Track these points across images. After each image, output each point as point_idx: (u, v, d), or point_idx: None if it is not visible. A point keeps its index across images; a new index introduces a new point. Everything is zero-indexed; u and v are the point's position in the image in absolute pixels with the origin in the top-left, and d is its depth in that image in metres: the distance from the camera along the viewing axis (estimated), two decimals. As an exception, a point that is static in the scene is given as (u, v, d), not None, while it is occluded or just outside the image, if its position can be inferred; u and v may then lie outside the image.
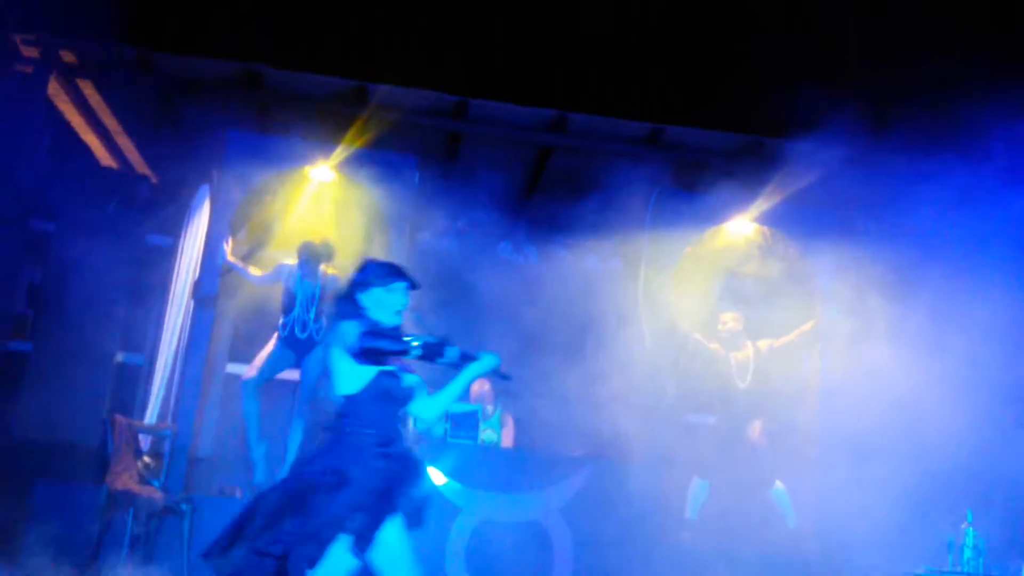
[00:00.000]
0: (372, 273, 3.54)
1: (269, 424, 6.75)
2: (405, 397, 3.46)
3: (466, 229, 8.75)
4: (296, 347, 6.61)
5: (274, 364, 6.67)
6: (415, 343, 3.35)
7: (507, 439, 6.98)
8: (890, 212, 6.71)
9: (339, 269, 6.71)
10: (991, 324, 5.99)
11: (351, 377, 3.40)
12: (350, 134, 7.28)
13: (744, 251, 7.57)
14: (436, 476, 6.19)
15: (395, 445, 3.42)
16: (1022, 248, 6.31)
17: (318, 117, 7.52)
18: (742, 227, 7.48)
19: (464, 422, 6.48)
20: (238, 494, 6.43)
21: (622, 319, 7.34)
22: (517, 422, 7.29)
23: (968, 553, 4.67)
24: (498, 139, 8.57)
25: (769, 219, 7.33)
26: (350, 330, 3.39)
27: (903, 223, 6.54)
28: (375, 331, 3.40)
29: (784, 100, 7.00)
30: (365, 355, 3.35)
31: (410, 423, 3.99)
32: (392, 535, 3.34)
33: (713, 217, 7.45)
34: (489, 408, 6.94)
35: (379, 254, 7.19)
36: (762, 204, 7.14)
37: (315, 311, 6.60)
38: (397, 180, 7.36)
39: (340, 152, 7.22)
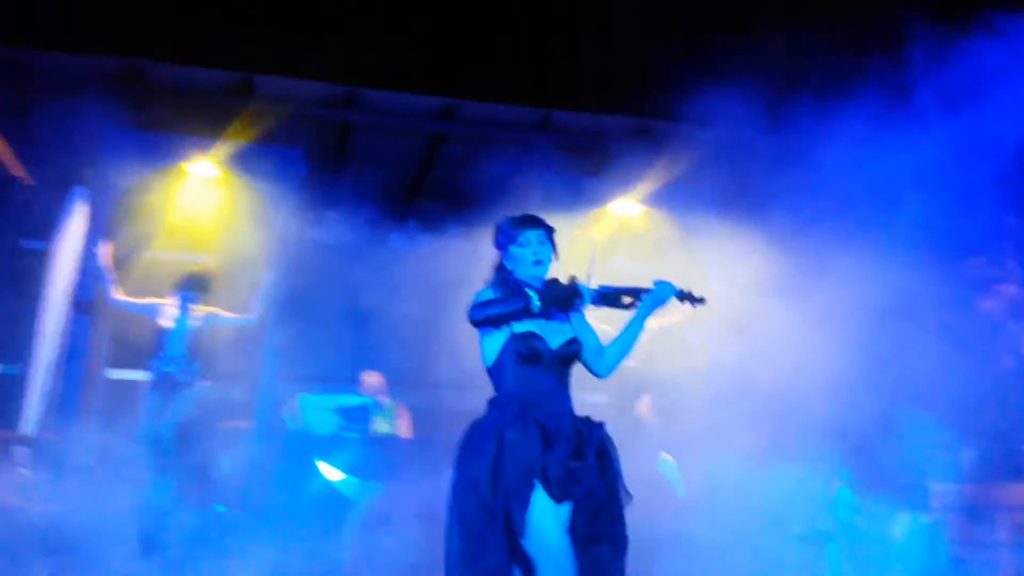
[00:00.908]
0: (502, 233, 3.40)
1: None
2: (550, 356, 3.20)
3: (357, 221, 8.64)
4: (166, 387, 6.35)
5: (151, 415, 6.39)
6: (533, 296, 3.11)
7: (404, 430, 6.91)
8: (773, 191, 6.83)
9: (219, 307, 6.54)
10: (875, 291, 6.15)
11: (488, 349, 3.25)
12: (234, 128, 7.11)
13: (632, 231, 7.65)
14: (328, 471, 6.10)
15: (546, 411, 3.15)
16: (899, 213, 6.47)
17: (202, 112, 7.33)
18: (628, 208, 7.54)
19: (355, 415, 6.38)
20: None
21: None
22: (417, 412, 7.23)
23: (843, 511, 4.79)
24: (389, 129, 8.51)
25: (656, 200, 7.41)
26: (485, 294, 3.28)
27: (787, 201, 6.67)
28: (511, 293, 3.23)
29: (670, 84, 7.08)
30: (479, 325, 3.19)
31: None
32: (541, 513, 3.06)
33: (600, 198, 7.49)
34: (384, 400, 6.86)
35: (266, 250, 7.07)
36: (649, 185, 7.20)
37: (189, 350, 6.37)
38: (284, 174, 7.22)
39: (224, 147, 7.03)
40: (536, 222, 3.39)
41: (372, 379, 6.87)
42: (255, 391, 7.01)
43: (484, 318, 3.18)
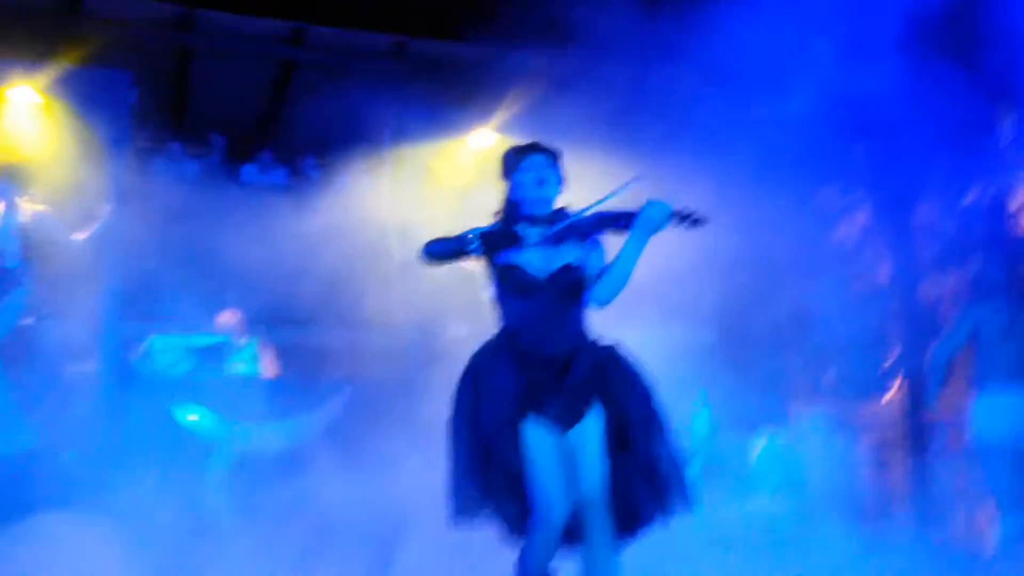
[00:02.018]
0: (505, 162, 3.27)
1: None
2: (537, 285, 3.10)
3: (205, 152, 8.25)
4: None
5: None
6: (473, 237, 3.09)
7: (269, 370, 6.69)
8: (629, 117, 6.89)
9: (47, 204, 6.05)
10: (731, 223, 6.31)
11: (488, 278, 3.22)
12: (60, 53, 6.56)
13: (486, 161, 7.59)
14: (187, 413, 5.89)
15: (532, 340, 3.08)
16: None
17: (26, 34, 6.73)
18: (484, 138, 7.48)
19: (210, 355, 6.16)
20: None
21: (377, 237, 7.19)
22: (280, 351, 7.02)
23: (700, 432, 4.98)
24: (232, 54, 8.09)
25: (511, 128, 7.36)
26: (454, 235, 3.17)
27: (643, 128, 6.73)
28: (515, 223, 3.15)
29: (524, 11, 6.99)
30: (424, 262, 3.22)
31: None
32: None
33: (455, 128, 7.39)
34: (241, 340, 6.62)
35: (99, 181, 6.64)
36: (503, 114, 7.14)
37: (15, 246, 5.86)
38: (110, 100, 6.72)
39: (46, 72, 6.49)
40: (539, 147, 3.29)
41: (228, 318, 6.61)
42: (97, 331, 6.61)
43: (423, 255, 3.18)
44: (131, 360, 6.37)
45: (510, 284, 3.15)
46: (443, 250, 3.15)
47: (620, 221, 3.05)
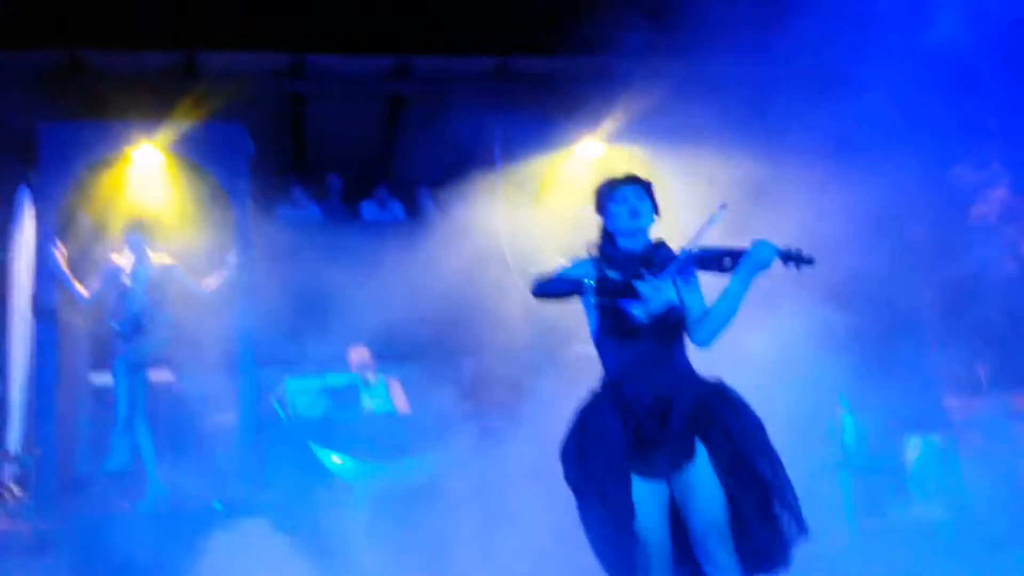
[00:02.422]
0: (599, 195, 3.22)
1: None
2: (643, 326, 3.06)
3: (325, 194, 8.43)
4: (135, 342, 6.07)
5: (122, 373, 6.12)
6: (590, 283, 3.00)
7: (400, 404, 6.74)
8: (742, 118, 6.66)
9: (174, 256, 6.28)
10: (862, 208, 6.00)
11: (589, 323, 3.14)
12: (177, 110, 6.86)
13: (597, 172, 7.46)
14: (328, 455, 5.97)
15: (637, 383, 3.05)
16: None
17: (146, 96, 7.07)
18: (592, 148, 7.37)
19: (345, 394, 6.24)
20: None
21: (495, 260, 7.17)
22: (407, 385, 7.07)
23: (849, 439, 4.69)
24: (341, 94, 8.26)
25: (620, 137, 7.24)
26: (566, 268, 3.16)
27: (754, 126, 6.49)
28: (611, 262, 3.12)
29: (623, 19, 6.87)
30: (537, 297, 3.13)
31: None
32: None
33: (563, 142, 7.31)
34: (370, 376, 6.69)
35: (223, 232, 6.86)
36: (611, 123, 7.01)
37: (146, 301, 6.05)
38: (229, 152, 6.96)
39: (167, 130, 6.77)
40: (634, 179, 3.24)
41: (359, 354, 6.68)
42: (234, 380, 6.83)
43: (535, 292, 3.12)
44: (269, 406, 6.52)
45: (611, 325, 3.11)
46: (556, 292, 3.11)
47: (726, 260, 2.99)
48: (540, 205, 7.33)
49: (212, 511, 5.73)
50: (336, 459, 5.88)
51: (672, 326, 3.08)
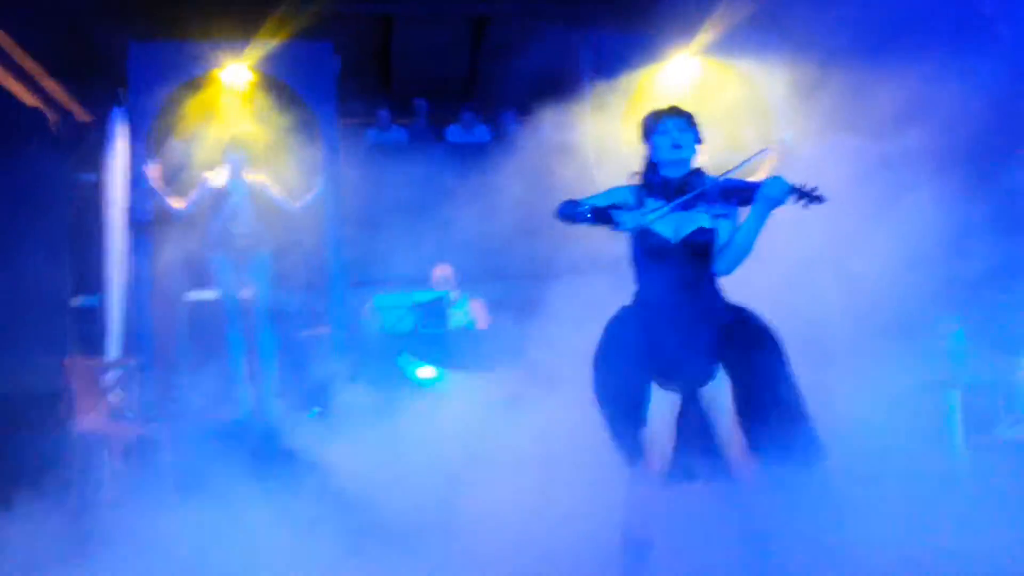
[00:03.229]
0: (644, 126, 3.40)
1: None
2: (671, 248, 3.22)
3: (411, 117, 8.40)
4: (235, 251, 6.20)
5: (228, 282, 6.27)
6: (585, 208, 3.20)
7: (481, 322, 6.76)
8: (835, 33, 6.39)
9: (267, 172, 6.34)
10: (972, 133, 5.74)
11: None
12: (263, 30, 6.86)
13: (691, 88, 7.26)
14: (415, 367, 6.02)
15: (659, 304, 3.22)
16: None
17: (229, 17, 7.09)
18: (686, 63, 7.17)
19: (431, 310, 6.26)
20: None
21: (583, 181, 7.06)
22: (491, 304, 7.06)
23: (961, 356, 4.54)
24: (428, 16, 8.18)
25: (713, 51, 7.02)
26: (601, 193, 3.35)
27: (851, 45, 6.22)
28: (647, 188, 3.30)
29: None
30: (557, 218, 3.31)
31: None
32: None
33: (654, 57, 7.12)
34: (453, 293, 6.70)
35: (313, 150, 6.90)
36: (703, 37, 6.80)
37: (247, 210, 6.18)
38: (317, 70, 6.96)
39: (253, 50, 6.79)
40: (677, 111, 3.37)
41: (442, 271, 6.70)
42: (325, 296, 6.92)
43: (556, 215, 3.30)
44: (359, 321, 6.60)
45: (643, 247, 3.25)
46: (567, 216, 3.26)
47: (744, 194, 3.13)
48: (631, 124, 7.18)
49: (308, 419, 5.84)
50: (425, 372, 5.93)
51: (701, 251, 3.21)
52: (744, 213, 3.21)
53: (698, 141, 3.32)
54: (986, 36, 5.98)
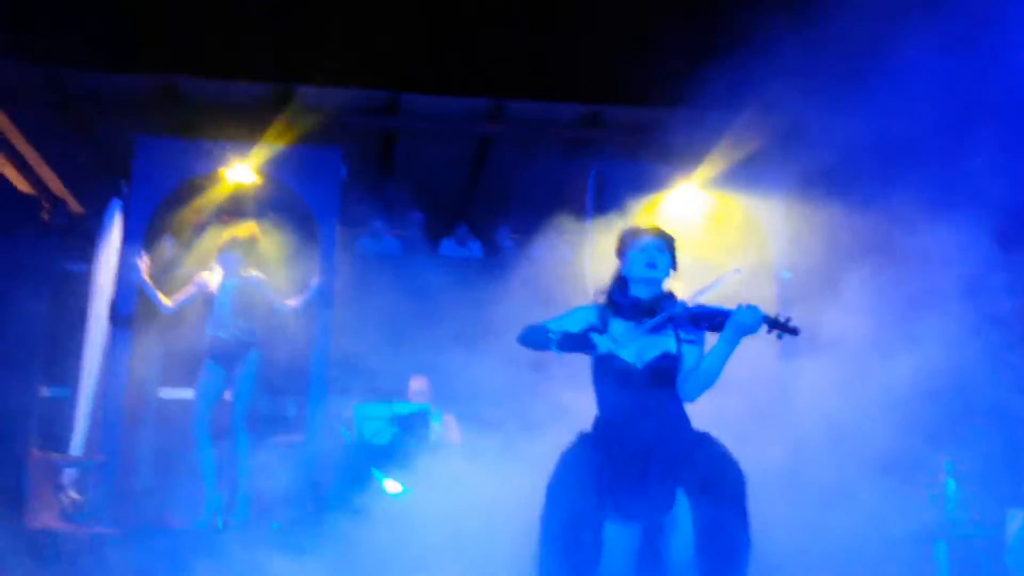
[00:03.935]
0: (621, 240, 3.37)
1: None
2: (634, 373, 3.11)
3: (406, 229, 8.41)
4: (223, 355, 6.03)
5: (211, 386, 6.06)
6: (554, 338, 3.11)
7: (454, 437, 6.54)
8: (838, 170, 6.48)
9: (262, 271, 6.23)
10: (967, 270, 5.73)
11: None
12: (271, 134, 6.94)
13: (693, 217, 7.30)
14: (389, 483, 5.79)
15: (627, 430, 3.09)
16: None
17: (238, 120, 7.18)
18: (685, 195, 7.23)
19: (412, 423, 6.07)
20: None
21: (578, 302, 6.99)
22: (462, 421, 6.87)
23: (950, 506, 4.37)
24: (433, 133, 8.28)
25: (712, 184, 7.09)
26: (563, 316, 3.26)
27: (852, 178, 6.31)
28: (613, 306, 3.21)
29: (717, 69, 6.80)
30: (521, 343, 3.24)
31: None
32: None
33: (657, 184, 7.18)
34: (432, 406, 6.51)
35: (309, 254, 6.85)
36: (707, 169, 6.88)
37: (239, 309, 5.98)
38: (322, 176, 7.00)
39: (260, 152, 6.83)
40: (657, 231, 3.36)
41: (418, 384, 6.54)
42: (305, 404, 6.75)
43: (519, 339, 3.23)
44: (338, 430, 6.40)
45: (606, 372, 3.15)
46: (532, 342, 3.18)
47: (715, 319, 3.06)
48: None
49: (270, 530, 5.57)
50: (389, 485, 5.69)
51: (665, 375, 3.12)
52: (713, 340, 3.13)
53: (673, 266, 3.27)
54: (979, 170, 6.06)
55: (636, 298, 3.20)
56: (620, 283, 3.25)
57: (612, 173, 7.42)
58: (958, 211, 5.73)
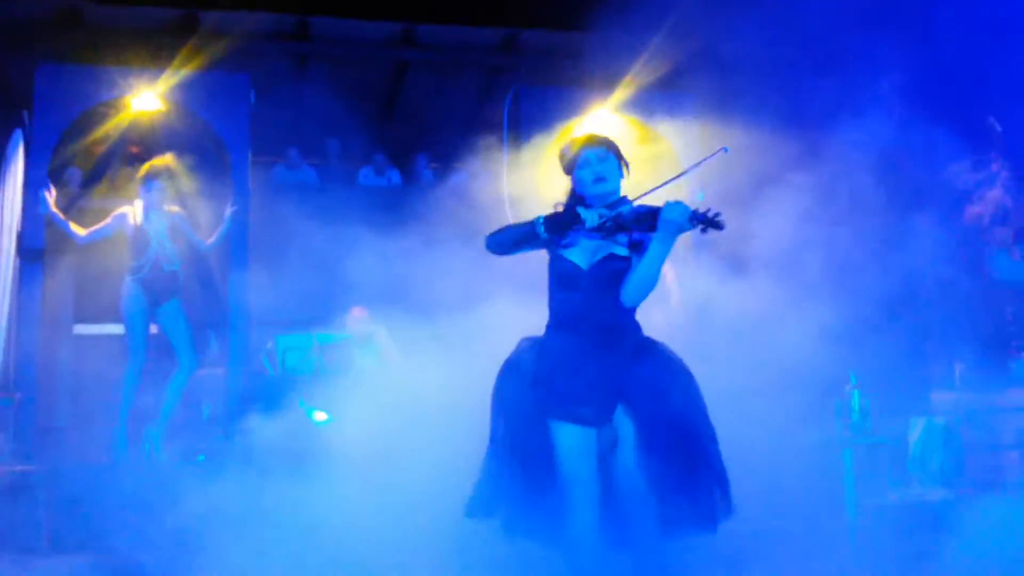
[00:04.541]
0: (562, 157, 3.20)
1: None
2: (582, 276, 3.04)
3: (322, 158, 8.30)
4: (157, 287, 5.87)
5: (138, 322, 5.88)
6: (539, 220, 3.02)
7: (391, 357, 6.56)
8: (749, 97, 6.61)
9: (178, 204, 6.07)
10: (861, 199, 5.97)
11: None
12: (177, 60, 6.72)
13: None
14: (314, 411, 5.83)
15: (565, 334, 3.05)
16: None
17: (143, 46, 6.93)
18: (601, 119, 7.29)
19: (333, 352, 6.11)
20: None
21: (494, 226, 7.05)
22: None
23: (855, 416, 4.63)
24: (345, 58, 8.14)
25: (626, 108, 7.17)
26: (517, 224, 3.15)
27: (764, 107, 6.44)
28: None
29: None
30: (491, 251, 3.15)
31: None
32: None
33: (574, 109, 7.22)
34: (365, 335, 6.52)
35: (222, 184, 6.72)
36: (621, 93, 6.94)
37: (162, 248, 5.81)
38: (231, 103, 6.83)
39: (166, 78, 6.63)
40: (594, 139, 3.17)
41: (359, 313, 6.53)
42: (227, 336, 6.70)
43: (491, 244, 3.12)
44: (262, 361, 6.39)
45: (556, 274, 3.10)
46: (512, 237, 3.08)
47: (649, 220, 2.94)
48: (545, 176, 7.25)
49: (195, 463, 5.58)
50: (321, 416, 5.73)
51: (611, 279, 3.04)
52: None
53: (623, 166, 3.14)
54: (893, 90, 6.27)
55: (595, 203, 3.07)
56: (576, 200, 3.11)
57: (529, 98, 7.42)
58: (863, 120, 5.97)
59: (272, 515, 4.53)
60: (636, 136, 7.38)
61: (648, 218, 2.93)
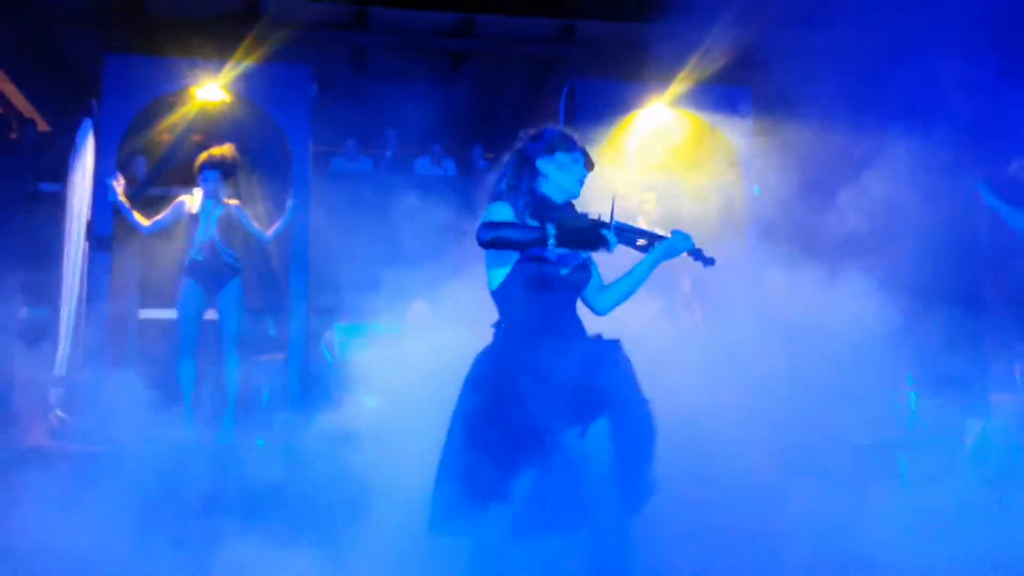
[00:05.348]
0: (546, 140, 3.21)
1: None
2: (560, 281, 3.06)
3: (380, 148, 8.40)
4: (203, 278, 6.04)
5: (191, 307, 6.06)
6: (551, 231, 2.82)
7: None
8: (806, 92, 6.54)
9: (239, 195, 6.20)
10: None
11: (496, 271, 3.06)
12: (240, 51, 6.85)
13: (661, 136, 7.38)
14: (365, 399, 5.94)
15: (555, 336, 3.06)
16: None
17: (206, 37, 7.07)
18: (658, 113, 7.27)
19: (389, 343, 6.19)
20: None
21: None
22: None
23: (911, 417, 4.61)
24: (404, 48, 8.21)
25: (683, 103, 7.14)
26: (498, 212, 3.01)
27: (822, 101, 6.38)
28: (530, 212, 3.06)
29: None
30: (487, 246, 2.94)
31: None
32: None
33: (629, 103, 7.21)
34: (420, 326, 6.62)
35: (282, 176, 6.85)
36: (675, 89, 6.92)
37: (221, 235, 5.97)
38: (293, 94, 6.95)
39: (229, 70, 6.77)
40: (590, 159, 3.27)
41: (420, 307, 6.63)
42: (287, 324, 6.84)
43: (492, 240, 2.91)
44: (321, 349, 6.52)
45: (540, 277, 3.05)
46: (513, 239, 2.90)
47: (640, 240, 3.15)
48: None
49: (255, 447, 5.73)
50: (373, 401, 5.84)
51: (579, 285, 3.15)
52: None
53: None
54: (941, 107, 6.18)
55: (555, 204, 3.11)
56: (537, 179, 3.14)
57: (585, 90, 7.42)
58: (921, 124, 5.88)
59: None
60: (692, 131, 7.35)
61: (641, 237, 3.17)
